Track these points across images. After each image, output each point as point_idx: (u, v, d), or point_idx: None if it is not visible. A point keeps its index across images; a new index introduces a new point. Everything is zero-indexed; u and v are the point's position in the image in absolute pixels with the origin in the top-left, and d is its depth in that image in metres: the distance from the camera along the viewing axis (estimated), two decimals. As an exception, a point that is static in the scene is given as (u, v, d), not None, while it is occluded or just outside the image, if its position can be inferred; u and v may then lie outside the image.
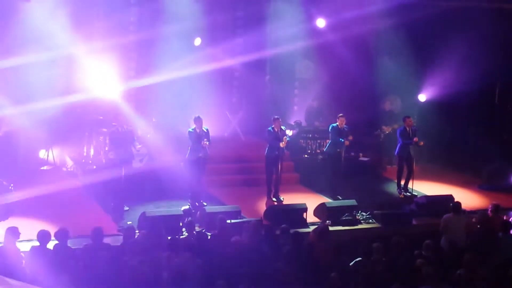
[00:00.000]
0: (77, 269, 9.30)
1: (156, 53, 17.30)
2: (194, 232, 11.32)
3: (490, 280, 9.61)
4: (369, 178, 17.25)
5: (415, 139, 15.34)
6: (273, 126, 14.66)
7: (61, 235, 10.07)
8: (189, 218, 12.59)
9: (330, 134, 15.37)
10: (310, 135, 17.92)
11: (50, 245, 10.06)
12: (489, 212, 12.49)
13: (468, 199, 15.52)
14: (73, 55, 15.81)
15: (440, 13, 17.91)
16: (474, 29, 17.65)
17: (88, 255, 9.71)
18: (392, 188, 16.36)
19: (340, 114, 15.33)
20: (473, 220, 12.34)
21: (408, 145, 15.52)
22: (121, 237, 11.09)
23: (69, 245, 10.17)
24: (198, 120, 13.95)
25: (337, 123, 15.22)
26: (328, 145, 15.57)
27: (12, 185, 13.64)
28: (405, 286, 9.18)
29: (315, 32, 19.03)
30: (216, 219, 11.59)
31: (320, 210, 13.77)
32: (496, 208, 12.48)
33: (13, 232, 9.98)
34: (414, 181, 15.65)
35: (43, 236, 9.91)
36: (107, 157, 14.66)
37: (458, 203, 12.71)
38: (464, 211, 13.24)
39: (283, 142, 14.57)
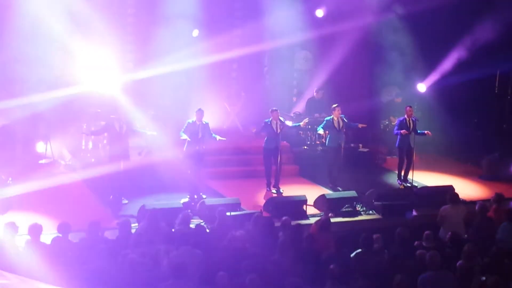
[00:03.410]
0: (75, 262, 9.25)
1: (154, 45, 17.23)
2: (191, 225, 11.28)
3: (491, 270, 9.59)
4: (368, 169, 17.22)
5: (402, 131, 15.28)
6: (271, 118, 14.61)
7: (63, 229, 10.03)
8: (189, 211, 12.57)
9: (323, 125, 15.33)
10: (310, 127, 17.84)
11: (46, 239, 10.03)
12: (492, 202, 12.45)
13: (469, 189, 15.50)
14: (70, 47, 15.75)
15: (439, 3, 17.83)
16: (473, 19, 17.59)
17: (84, 249, 9.66)
18: (392, 179, 16.34)
19: (335, 105, 15.26)
20: (476, 209, 12.23)
21: (407, 136, 15.45)
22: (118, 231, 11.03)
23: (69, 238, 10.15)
24: (199, 113, 13.89)
25: (332, 116, 15.16)
26: (328, 138, 15.50)
27: (10, 178, 13.62)
28: (407, 277, 9.14)
29: (313, 22, 18.99)
30: (215, 212, 11.54)
31: (320, 202, 13.73)
32: (499, 198, 12.44)
33: (11, 227, 9.94)
34: (414, 172, 15.59)
35: (34, 230, 9.86)
36: (105, 150, 14.61)
37: (455, 194, 12.66)
38: (464, 202, 13.19)
39: (303, 122, 15.08)
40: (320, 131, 15.24)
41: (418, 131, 15.51)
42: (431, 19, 18.56)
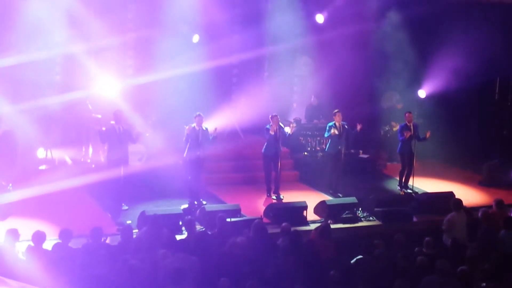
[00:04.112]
0: (75, 269, 9.23)
1: (154, 51, 17.23)
2: (195, 230, 11.26)
3: (493, 277, 9.61)
4: (369, 175, 17.20)
5: (406, 133, 15.27)
6: (271, 123, 14.61)
7: (65, 235, 10.02)
8: (189, 217, 12.55)
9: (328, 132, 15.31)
10: (310, 133, 17.86)
11: (46, 245, 10.02)
12: (493, 207, 12.46)
13: (468, 195, 15.47)
14: (71, 53, 15.76)
15: (440, 8, 17.86)
16: (473, 25, 17.60)
17: (87, 255, 9.65)
18: (392, 185, 16.33)
19: (336, 110, 15.26)
20: (478, 215, 12.20)
21: (409, 142, 15.46)
22: (119, 237, 11.01)
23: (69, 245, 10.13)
24: (198, 118, 13.90)
25: (334, 121, 15.16)
26: (328, 144, 15.50)
27: (11, 185, 13.59)
28: (407, 283, 9.15)
29: (314, 28, 18.99)
30: (216, 218, 11.54)
31: (321, 208, 13.72)
32: (500, 204, 12.45)
33: (13, 234, 9.94)
34: (414, 178, 15.61)
35: (38, 237, 9.85)
36: (105, 156, 14.57)
37: (459, 201, 12.67)
38: (465, 208, 13.19)
39: (290, 128, 14.74)
40: (332, 131, 15.15)
41: (420, 137, 15.52)
42: (432, 25, 18.57)
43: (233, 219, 12.16)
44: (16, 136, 15.00)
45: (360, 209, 13.86)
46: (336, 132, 14.96)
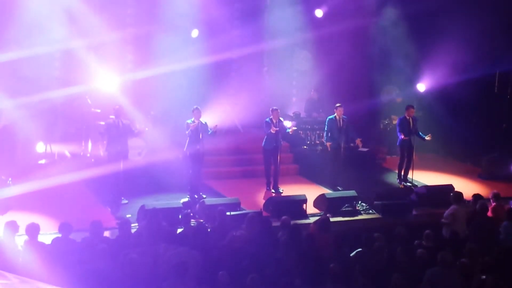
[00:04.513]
0: (75, 263, 9.24)
1: (154, 46, 17.22)
2: (192, 223, 11.27)
3: (493, 269, 9.62)
4: (368, 168, 17.21)
5: (403, 137, 15.27)
6: (271, 117, 14.62)
7: (64, 229, 10.03)
8: (188, 210, 12.56)
9: (327, 127, 15.29)
10: (309, 126, 17.88)
11: (45, 239, 10.03)
12: (491, 201, 12.48)
13: (468, 188, 15.41)
14: (70, 48, 15.76)
15: (438, 2, 17.84)
16: (473, 19, 17.57)
17: (86, 249, 9.65)
18: (392, 178, 16.34)
19: (338, 104, 15.26)
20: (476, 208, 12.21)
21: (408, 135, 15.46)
22: (117, 231, 11.03)
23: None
24: (196, 111, 13.91)
25: (335, 115, 15.16)
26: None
27: (10, 179, 13.61)
28: (406, 276, 9.17)
29: (313, 22, 18.99)
30: (215, 212, 11.55)
31: (320, 201, 13.73)
32: (497, 197, 12.48)
33: (12, 226, 9.94)
34: (414, 171, 15.62)
35: (32, 229, 9.86)
36: (104, 151, 14.59)
37: (459, 194, 12.66)
38: (465, 201, 13.20)
39: (291, 129, 14.78)
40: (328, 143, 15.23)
41: (419, 133, 15.50)
42: (430, 19, 18.55)
43: (233, 213, 12.17)
44: (16, 131, 15.04)
45: (359, 202, 13.89)
46: (329, 149, 15.13)
